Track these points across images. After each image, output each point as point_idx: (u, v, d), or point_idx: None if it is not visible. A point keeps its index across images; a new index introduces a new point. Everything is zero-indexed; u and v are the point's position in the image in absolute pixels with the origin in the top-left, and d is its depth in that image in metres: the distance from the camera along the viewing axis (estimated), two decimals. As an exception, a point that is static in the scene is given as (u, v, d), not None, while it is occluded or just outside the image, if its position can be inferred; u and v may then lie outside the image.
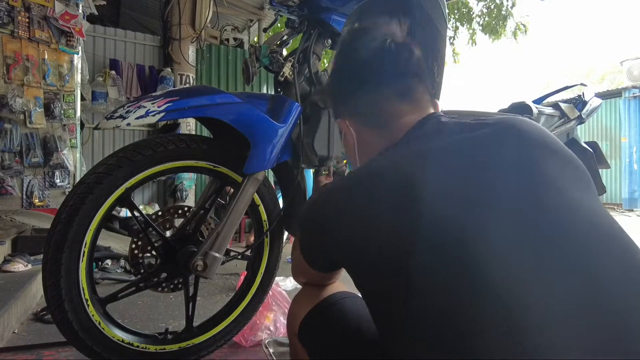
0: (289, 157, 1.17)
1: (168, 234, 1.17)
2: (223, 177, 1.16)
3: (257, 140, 1.06)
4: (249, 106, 1.06)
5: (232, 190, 1.20)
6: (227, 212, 1.09)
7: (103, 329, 1.03)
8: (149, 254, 1.12)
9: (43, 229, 2.90)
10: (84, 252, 0.98)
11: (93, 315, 1.02)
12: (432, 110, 0.72)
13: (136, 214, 1.07)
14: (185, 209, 1.20)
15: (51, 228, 0.96)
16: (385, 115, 0.70)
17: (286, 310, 1.57)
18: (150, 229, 1.10)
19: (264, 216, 1.25)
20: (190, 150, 1.07)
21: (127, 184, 1.01)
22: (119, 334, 1.07)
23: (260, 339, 1.45)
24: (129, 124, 0.96)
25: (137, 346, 1.09)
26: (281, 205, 1.27)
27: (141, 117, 0.96)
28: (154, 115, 0.96)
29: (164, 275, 1.14)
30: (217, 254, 1.07)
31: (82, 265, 0.98)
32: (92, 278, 1.04)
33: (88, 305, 1.01)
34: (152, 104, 0.97)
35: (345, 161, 1.33)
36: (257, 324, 1.48)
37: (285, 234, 1.40)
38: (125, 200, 1.03)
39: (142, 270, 1.12)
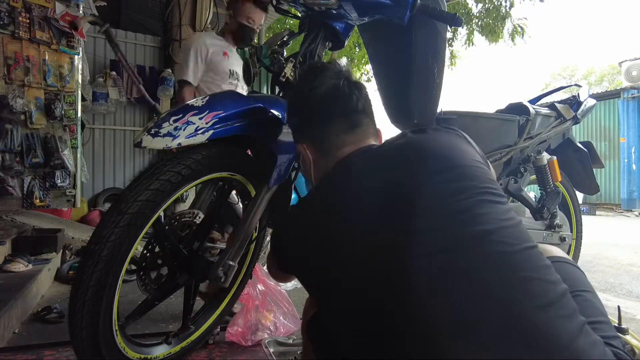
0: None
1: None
2: (229, 181, 1.16)
3: (282, 155, 1.08)
4: (280, 121, 1.07)
5: (232, 190, 1.21)
6: (244, 222, 1.10)
7: (127, 352, 1.02)
8: (160, 267, 1.11)
9: (43, 229, 2.90)
10: (119, 285, 0.93)
11: (120, 343, 0.99)
12: (372, 141, 0.84)
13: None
14: (194, 213, 1.18)
15: (87, 266, 0.87)
16: (333, 145, 0.83)
17: (286, 310, 1.57)
18: (167, 243, 1.06)
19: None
20: (221, 163, 1.06)
21: (164, 207, 0.96)
22: (137, 353, 1.06)
23: (260, 339, 1.46)
24: (179, 144, 0.90)
25: (151, 359, 1.10)
26: None
27: (191, 135, 0.92)
28: (203, 134, 0.93)
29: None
30: (233, 263, 1.09)
31: (116, 299, 0.93)
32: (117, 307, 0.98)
33: (117, 336, 0.97)
34: (200, 119, 0.93)
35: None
36: (257, 324, 1.49)
37: None
38: (157, 222, 0.99)
39: (155, 286, 1.09)
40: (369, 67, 8.29)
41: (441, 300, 0.56)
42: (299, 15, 1.26)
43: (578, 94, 1.84)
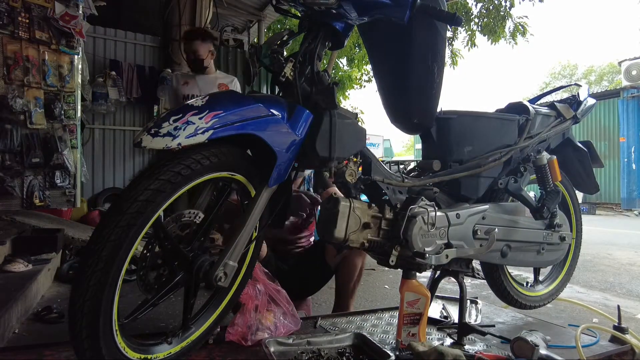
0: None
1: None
2: (229, 181, 1.16)
3: (282, 155, 1.07)
4: (280, 121, 1.07)
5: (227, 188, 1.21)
6: (244, 221, 1.10)
7: (127, 352, 1.01)
8: (160, 267, 1.10)
9: (43, 229, 2.90)
10: (119, 285, 0.93)
11: (120, 343, 0.99)
12: None
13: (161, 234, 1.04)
14: (194, 213, 1.16)
15: (87, 266, 0.87)
16: None
17: (286, 310, 1.57)
18: (167, 243, 1.06)
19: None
20: (221, 163, 1.05)
21: (164, 207, 0.96)
22: (137, 353, 1.06)
23: (260, 338, 1.46)
24: (179, 145, 0.90)
25: (151, 358, 1.10)
26: None
27: (191, 135, 0.92)
28: (202, 134, 0.93)
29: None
30: (233, 263, 1.09)
31: (116, 299, 0.93)
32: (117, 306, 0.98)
33: (117, 336, 0.96)
34: (200, 118, 0.94)
35: (346, 161, 1.33)
36: (257, 324, 1.49)
37: None
38: (157, 222, 0.98)
39: (155, 286, 1.08)
40: (369, 67, 8.29)
41: None
42: (299, 15, 1.26)
43: (578, 93, 1.84)
